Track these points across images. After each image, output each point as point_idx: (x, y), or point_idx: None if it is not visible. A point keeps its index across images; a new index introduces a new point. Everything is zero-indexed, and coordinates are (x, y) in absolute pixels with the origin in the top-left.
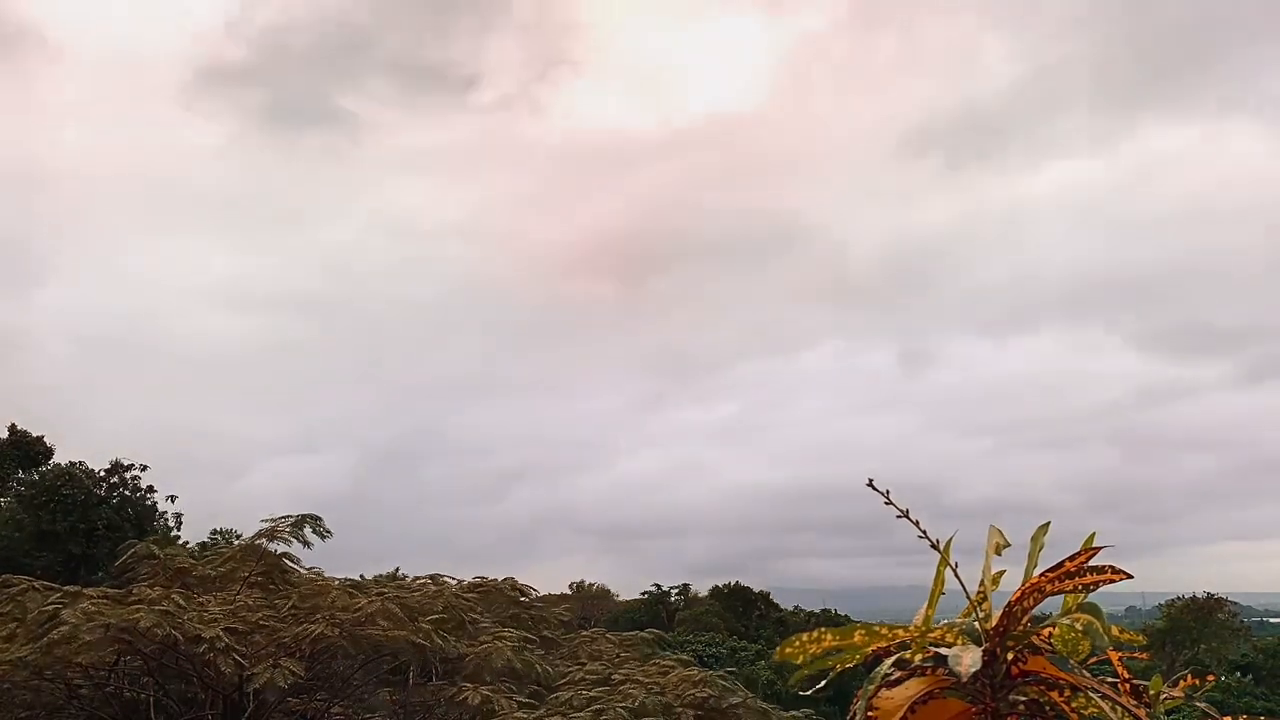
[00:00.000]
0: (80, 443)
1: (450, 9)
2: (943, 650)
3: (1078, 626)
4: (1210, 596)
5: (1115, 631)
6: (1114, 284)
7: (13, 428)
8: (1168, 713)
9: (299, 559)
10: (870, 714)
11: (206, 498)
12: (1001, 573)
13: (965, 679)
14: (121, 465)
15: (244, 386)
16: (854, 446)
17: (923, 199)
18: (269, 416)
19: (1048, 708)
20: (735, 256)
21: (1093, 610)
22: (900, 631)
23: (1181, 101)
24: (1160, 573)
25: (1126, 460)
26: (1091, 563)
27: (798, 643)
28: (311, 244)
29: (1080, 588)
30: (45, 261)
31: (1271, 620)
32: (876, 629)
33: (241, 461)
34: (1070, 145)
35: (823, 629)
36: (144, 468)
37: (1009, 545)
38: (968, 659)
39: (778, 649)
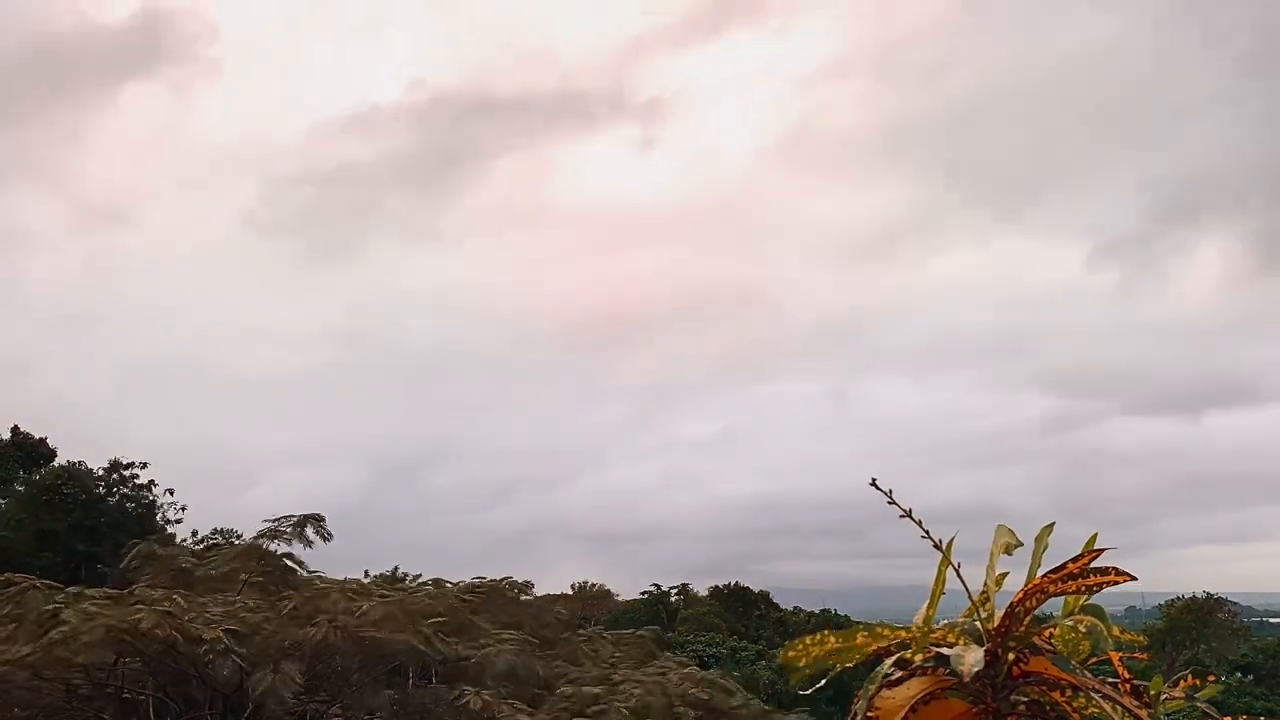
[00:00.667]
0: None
1: None
2: (944, 650)
3: (1080, 627)
4: (1210, 597)
5: (1116, 632)
6: (1008, 338)
7: (15, 429)
8: (1168, 713)
9: (302, 561)
10: (871, 714)
11: (223, 505)
12: (1005, 574)
13: (967, 679)
14: (120, 464)
15: (273, 408)
16: (815, 464)
17: (857, 275)
18: (290, 433)
19: (1049, 708)
20: (710, 311)
21: (1097, 611)
22: (902, 632)
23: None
24: (1147, 573)
25: (1068, 473)
26: (1094, 564)
27: (801, 646)
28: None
29: (1083, 589)
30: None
31: (1271, 620)
32: (878, 629)
33: (256, 471)
34: (959, 241)
35: (825, 631)
36: (143, 465)
37: (1020, 545)
38: (969, 659)
39: (781, 653)
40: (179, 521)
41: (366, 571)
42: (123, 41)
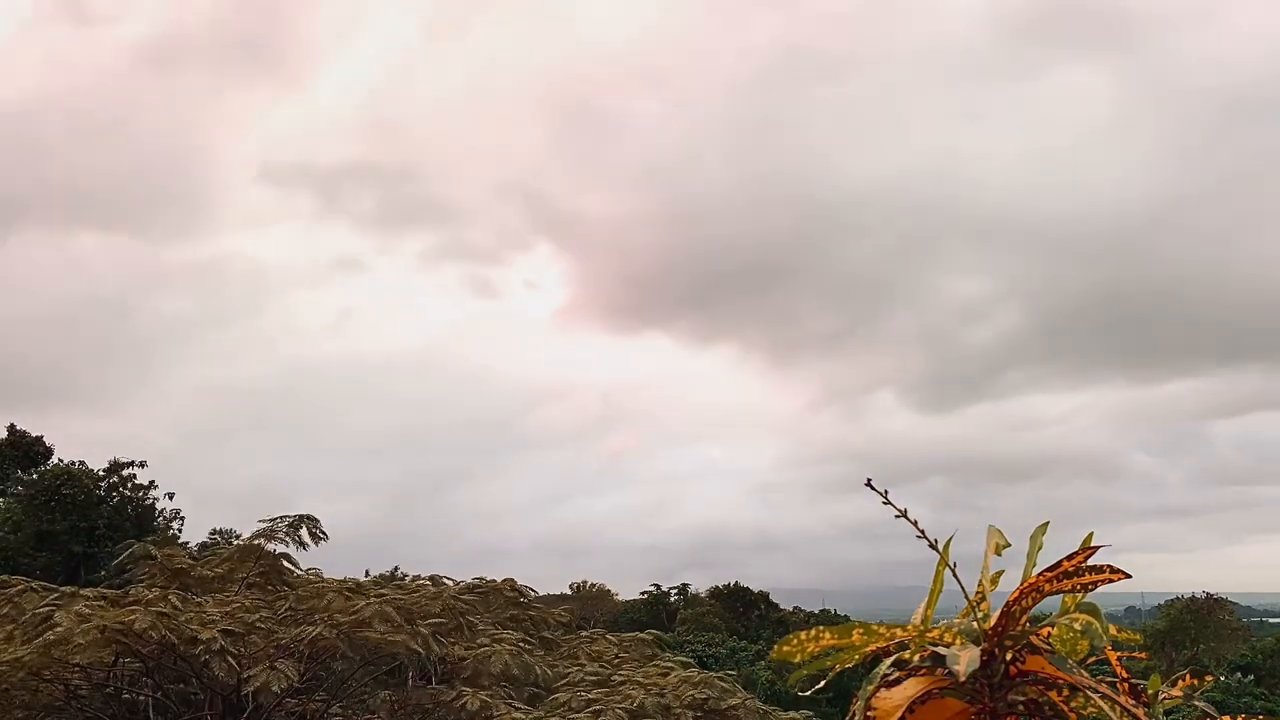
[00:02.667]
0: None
1: None
2: (941, 650)
3: (1076, 626)
4: (1209, 597)
5: (1113, 631)
6: None
7: (11, 428)
8: (1166, 713)
9: (297, 561)
10: (869, 714)
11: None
12: (1000, 573)
13: (964, 679)
14: (120, 464)
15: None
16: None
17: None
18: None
19: (1046, 708)
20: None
21: (1092, 610)
22: (899, 631)
23: None
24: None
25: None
26: (1089, 563)
27: (795, 641)
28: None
29: (1078, 588)
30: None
31: (1271, 620)
32: (875, 628)
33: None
34: None
35: (821, 628)
36: (142, 464)
37: (1009, 545)
38: (966, 659)
39: (775, 647)
40: (180, 523)
41: (367, 571)
42: None
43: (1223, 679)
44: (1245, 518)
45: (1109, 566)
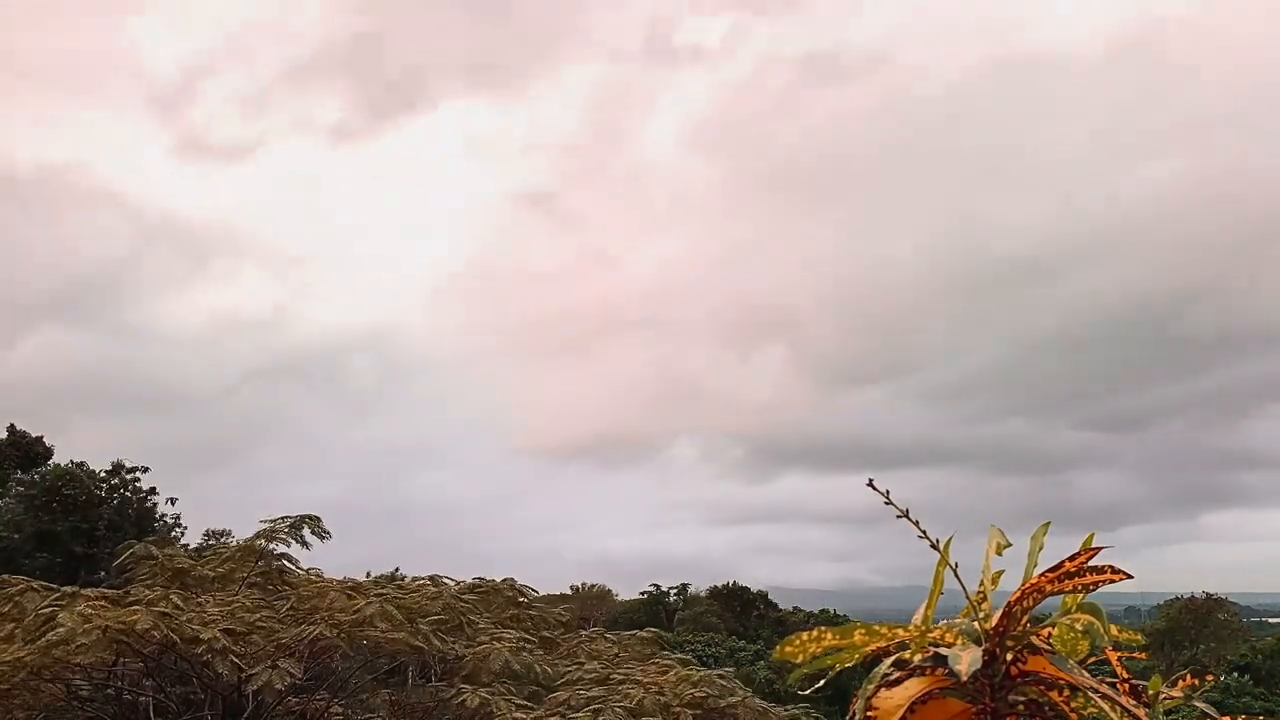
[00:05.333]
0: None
1: None
2: (942, 650)
3: (1077, 627)
4: (1209, 597)
5: (1114, 631)
6: None
7: (11, 428)
8: (1167, 713)
9: (297, 560)
10: (869, 714)
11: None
12: (1001, 573)
13: (965, 679)
14: (123, 466)
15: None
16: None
17: None
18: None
19: (1047, 708)
20: None
21: (1093, 610)
22: (900, 631)
23: None
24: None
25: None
26: (1091, 563)
27: (797, 641)
28: None
29: (1080, 588)
30: None
31: (1271, 620)
32: (876, 628)
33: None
34: None
35: (822, 628)
36: (145, 469)
37: (1010, 545)
38: (967, 659)
39: (777, 647)
40: (181, 527)
41: (369, 573)
42: None
43: (1222, 679)
44: None
45: (1110, 567)
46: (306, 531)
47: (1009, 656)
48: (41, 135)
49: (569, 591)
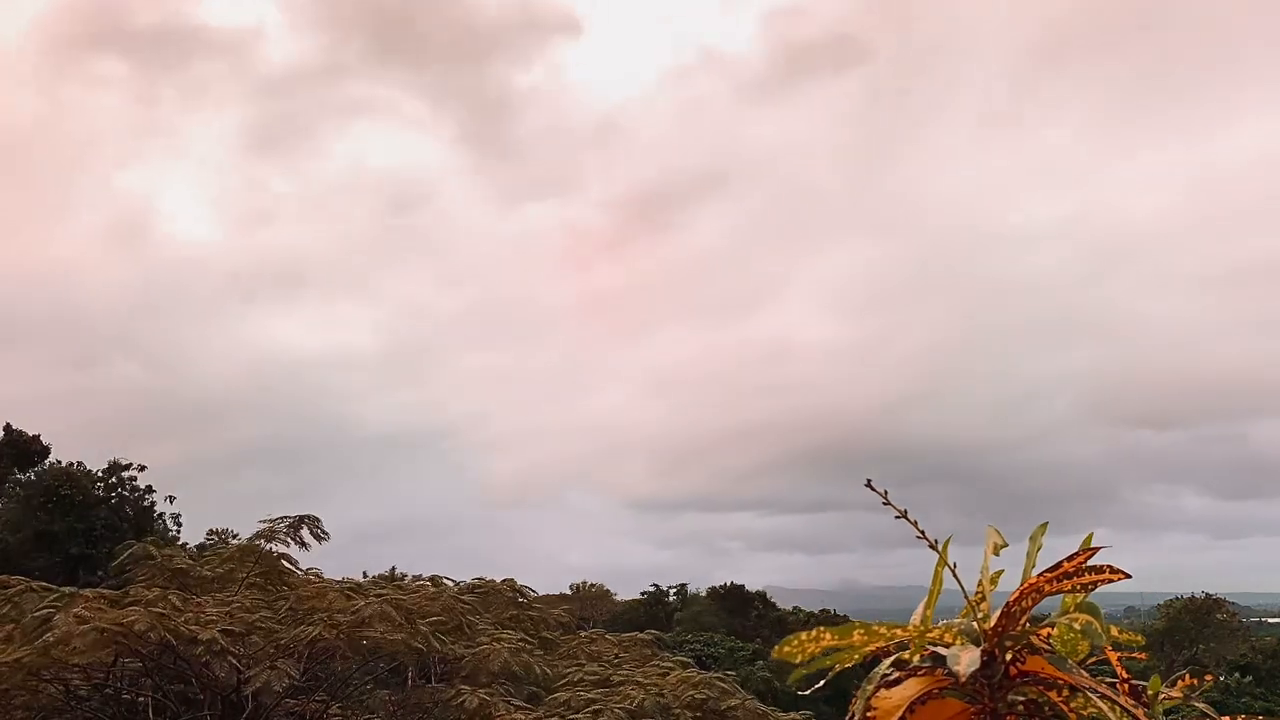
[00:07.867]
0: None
1: None
2: (941, 650)
3: (1076, 626)
4: (1209, 597)
5: (1114, 631)
6: None
7: (8, 427)
8: (1166, 713)
9: (296, 561)
10: (869, 714)
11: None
12: (1000, 573)
13: (964, 679)
14: (119, 465)
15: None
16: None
17: None
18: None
19: (1046, 708)
20: None
21: (1091, 610)
22: (899, 631)
23: None
24: None
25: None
26: (1090, 563)
27: (796, 641)
28: None
29: (1078, 588)
30: None
31: (1271, 620)
32: (875, 628)
33: None
34: None
35: (821, 628)
36: (141, 468)
37: (1006, 545)
38: (966, 659)
39: (776, 647)
40: (177, 526)
41: (365, 573)
42: None
43: (1222, 679)
44: None
45: (1109, 566)
46: (305, 532)
47: (1008, 656)
48: None
49: (569, 592)
